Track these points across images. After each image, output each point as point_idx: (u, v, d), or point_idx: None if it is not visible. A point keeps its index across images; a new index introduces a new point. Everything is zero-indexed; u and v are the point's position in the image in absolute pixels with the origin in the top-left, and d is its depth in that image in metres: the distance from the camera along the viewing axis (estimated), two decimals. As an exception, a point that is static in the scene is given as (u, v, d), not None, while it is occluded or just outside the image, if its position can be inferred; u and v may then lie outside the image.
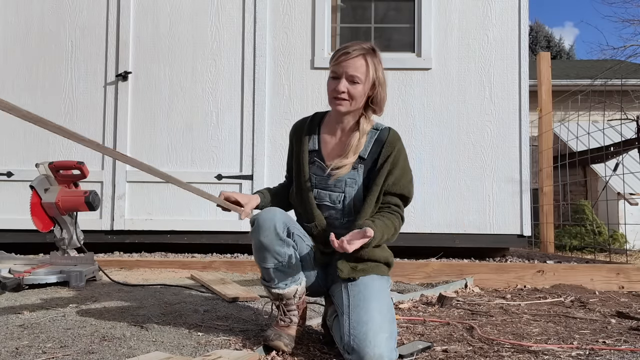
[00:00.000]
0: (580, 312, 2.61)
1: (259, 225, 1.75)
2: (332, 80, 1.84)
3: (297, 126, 2.03)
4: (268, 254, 1.77)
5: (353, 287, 1.79)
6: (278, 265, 1.78)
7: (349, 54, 1.80)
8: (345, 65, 1.80)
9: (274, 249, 1.76)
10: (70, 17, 4.50)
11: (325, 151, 1.92)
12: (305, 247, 1.86)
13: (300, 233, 1.85)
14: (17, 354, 1.69)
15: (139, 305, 2.45)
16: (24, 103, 4.44)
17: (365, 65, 1.81)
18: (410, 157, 2.03)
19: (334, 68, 1.83)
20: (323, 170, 1.90)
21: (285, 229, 1.77)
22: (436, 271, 3.42)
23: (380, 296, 1.76)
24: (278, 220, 1.75)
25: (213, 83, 4.48)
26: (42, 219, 2.98)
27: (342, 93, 1.81)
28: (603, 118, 6.76)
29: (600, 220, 7.23)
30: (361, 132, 1.86)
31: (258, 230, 1.75)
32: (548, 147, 5.45)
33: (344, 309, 1.73)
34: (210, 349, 1.78)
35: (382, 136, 1.89)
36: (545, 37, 29.13)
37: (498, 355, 1.83)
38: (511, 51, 4.49)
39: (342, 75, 1.81)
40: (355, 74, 1.80)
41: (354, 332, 1.63)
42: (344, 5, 4.71)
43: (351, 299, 1.74)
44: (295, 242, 1.81)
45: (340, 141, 1.91)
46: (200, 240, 4.38)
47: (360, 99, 1.84)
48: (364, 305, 1.70)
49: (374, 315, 1.66)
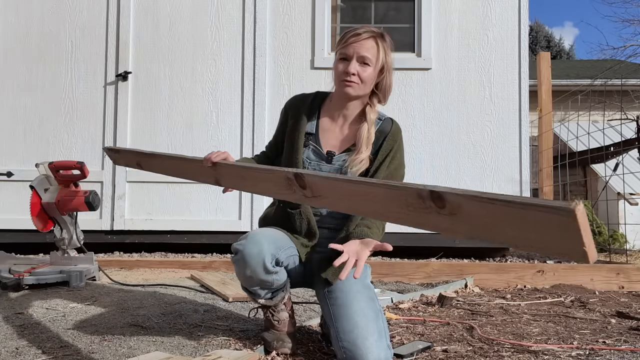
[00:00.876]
0: (580, 312, 2.60)
1: (245, 262, 1.63)
2: (341, 62, 1.76)
3: (296, 101, 1.90)
4: (255, 284, 1.70)
5: (330, 294, 1.71)
6: (265, 288, 1.73)
7: (359, 35, 1.73)
8: (356, 46, 1.73)
9: (262, 280, 1.67)
10: (70, 17, 4.50)
11: (322, 136, 1.84)
12: (292, 260, 1.77)
13: (287, 252, 1.73)
14: (17, 354, 1.69)
15: (139, 305, 2.45)
16: (24, 103, 4.44)
17: (376, 47, 1.75)
18: (410, 157, 2.04)
19: (343, 50, 1.75)
20: (318, 155, 1.82)
21: (273, 260, 1.65)
22: (436, 271, 3.42)
23: (359, 297, 1.67)
24: (267, 253, 1.63)
25: (213, 83, 4.48)
26: (42, 219, 2.98)
27: (352, 75, 1.73)
28: (603, 118, 6.76)
29: (600, 220, 7.22)
30: (369, 123, 1.78)
31: (243, 265, 1.64)
32: (548, 147, 5.45)
33: (328, 320, 1.69)
34: (210, 349, 1.78)
35: (386, 127, 1.83)
36: (545, 37, 29.12)
37: (498, 355, 1.83)
38: (511, 51, 4.49)
39: (352, 56, 1.73)
40: (367, 54, 1.73)
41: (343, 343, 1.59)
42: (344, 5, 4.71)
43: (332, 308, 1.68)
44: (284, 263, 1.71)
45: (341, 130, 1.84)
46: (200, 240, 4.38)
47: (369, 83, 1.77)
48: (344, 312, 1.64)
49: (357, 321, 1.60)
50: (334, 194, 1.28)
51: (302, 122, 1.83)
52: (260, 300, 1.77)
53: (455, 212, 0.94)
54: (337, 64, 1.78)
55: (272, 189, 1.47)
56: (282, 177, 1.39)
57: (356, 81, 1.74)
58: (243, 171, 1.57)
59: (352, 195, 1.22)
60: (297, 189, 1.35)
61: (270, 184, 1.45)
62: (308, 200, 1.35)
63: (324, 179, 1.31)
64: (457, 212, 0.93)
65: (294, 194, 1.38)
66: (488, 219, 0.89)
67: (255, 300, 1.78)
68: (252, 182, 1.55)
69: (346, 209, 1.33)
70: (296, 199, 1.40)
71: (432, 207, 0.97)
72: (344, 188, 1.25)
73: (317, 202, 1.33)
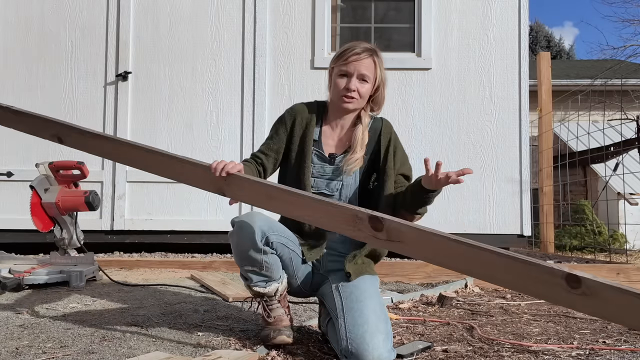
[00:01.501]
0: (580, 312, 2.60)
1: (237, 233, 1.75)
2: (342, 79, 1.89)
3: (301, 109, 1.99)
4: (245, 260, 1.77)
5: (344, 288, 1.78)
6: (256, 269, 1.78)
7: (359, 54, 1.87)
8: (357, 64, 1.87)
9: (251, 257, 1.75)
10: (70, 17, 4.50)
11: (324, 141, 1.96)
12: (287, 252, 1.83)
13: (281, 239, 1.80)
14: (17, 354, 1.69)
15: (139, 305, 2.45)
16: (24, 103, 4.43)
17: (373, 65, 1.90)
18: (410, 157, 2.04)
19: (344, 67, 1.88)
20: (321, 158, 1.94)
21: (263, 238, 1.73)
22: (436, 271, 3.42)
23: (373, 296, 1.76)
24: (257, 228, 1.72)
25: (213, 83, 4.48)
26: (42, 219, 2.98)
27: (353, 91, 1.87)
28: (603, 118, 6.76)
29: (600, 220, 7.22)
30: (364, 126, 1.93)
31: (235, 237, 1.76)
32: (548, 147, 5.45)
33: (338, 312, 1.71)
34: (210, 349, 1.78)
35: (377, 125, 1.97)
36: (545, 37, 29.12)
37: (498, 355, 1.83)
38: (511, 51, 4.49)
39: (353, 73, 1.87)
40: (366, 72, 1.88)
41: (350, 335, 1.62)
42: (344, 5, 4.71)
43: (344, 301, 1.73)
44: (276, 249, 1.78)
45: (339, 135, 1.97)
46: (200, 240, 4.38)
47: (366, 98, 1.92)
48: (357, 307, 1.69)
49: (369, 317, 1.65)
50: (421, 246, 1.33)
51: (311, 129, 1.95)
52: (255, 287, 1.81)
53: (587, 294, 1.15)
54: (337, 79, 1.90)
55: (320, 219, 1.48)
56: (349, 214, 1.41)
57: (356, 97, 1.89)
58: (274, 191, 1.57)
59: (441, 250, 1.30)
60: (366, 229, 1.36)
61: (320, 214, 1.47)
62: (379, 242, 1.37)
63: (413, 230, 1.33)
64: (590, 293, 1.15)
65: (358, 231, 1.39)
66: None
67: (250, 287, 1.82)
68: (283, 205, 1.55)
69: (428, 260, 1.38)
70: (361, 237, 1.42)
71: (564, 285, 1.17)
72: (438, 243, 1.31)
73: (391, 246, 1.35)
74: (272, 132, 1.99)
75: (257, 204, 1.65)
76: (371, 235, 1.37)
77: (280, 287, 1.84)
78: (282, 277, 1.85)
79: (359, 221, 1.38)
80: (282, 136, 1.96)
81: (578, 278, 1.14)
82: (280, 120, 1.99)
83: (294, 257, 1.86)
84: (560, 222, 7.14)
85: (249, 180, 1.63)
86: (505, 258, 1.23)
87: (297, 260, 1.87)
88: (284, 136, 1.96)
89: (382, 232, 1.35)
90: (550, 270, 1.18)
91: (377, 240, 1.38)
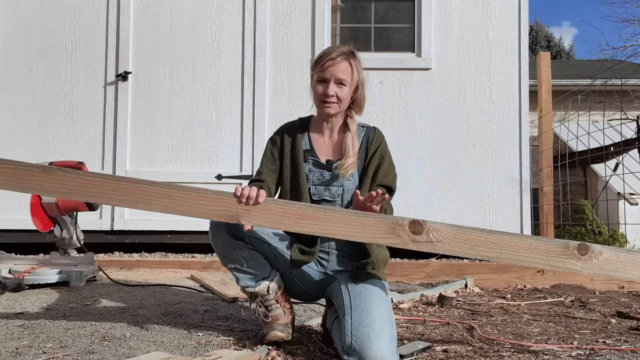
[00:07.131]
0: (581, 312, 2.60)
1: (210, 231, 1.88)
2: (320, 84, 1.93)
3: (287, 128, 2.06)
4: (224, 257, 1.87)
5: (354, 287, 1.80)
6: (237, 266, 1.84)
7: (334, 59, 1.90)
8: (333, 70, 1.90)
9: (227, 252, 1.84)
10: (70, 17, 4.50)
11: (316, 149, 2.00)
12: (268, 249, 1.88)
13: (255, 234, 1.85)
14: (17, 354, 1.69)
15: (139, 305, 2.45)
16: (24, 103, 4.44)
17: (350, 68, 1.93)
18: (410, 157, 2.07)
19: (320, 73, 1.91)
20: (318, 165, 1.97)
21: (233, 232, 1.82)
22: (436, 271, 3.42)
23: (381, 299, 1.77)
24: (224, 224, 1.80)
25: (213, 83, 4.48)
26: (42, 219, 2.99)
27: (331, 97, 1.90)
28: (603, 118, 6.76)
29: (601, 220, 7.23)
30: (352, 132, 1.98)
31: (210, 235, 1.88)
32: (548, 147, 5.44)
33: (346, 309, 1.73)
34: (210, 349, 1.78)
35: (369, 133, 2.02)
36: (545, 37, 29.12)
37: (498, 355, 1.83)
38: (511, 51, 4.49)
39: (330, 79, 1.90)
40: (343, 76, 1.90)
41: (355, 332, 1.63)
42: (344, 5, 4.71)
43: (353, 299, 1.75)
44: (251, 244, 1.85)
45: (331, 139, 2.01)
46: (200, 240, 4.38)
47: (346, 101, 1.95)
48: (365, 306, 1.71)
49: (375, 317, 1.66)
50: (460, 243, 1.49)
51: (297, 141, 2.00)
52: (247, 288, 1.87)
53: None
54: (316, 85, 1.95)
55: (353, 233, 1.53)
56: (387, 222, 1.47)
57: (335, 101, 1.92)
58: (305, 211, 1.62)
59: (482, 245, 1.53)
60: (405, 235, 1.41)
61: (353, 227, 1.52)
62: (417, 245, 1.44)
63: (451, 228, 1.47)
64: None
65: (397, 238, 1.45)
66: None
67: (243, 289, 1.89)
68: (313, 224, 1.58)
69: (464, 254, 1.53)
70: (398, 244, 1.47)
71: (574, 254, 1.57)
72: (476, 239, 1.52)
73: (431, 247, 1.46)
74: (267, 154, 2.04)
75: (281, 226, 1.67)
76: (410, 239, 1.43)
77: (271, 285, 1.86)
78: (273, 274, 1.88)
79: (399, 227, 1.44)
80: (275, 155, 2.02)
81: (586, 246, 1.49)
82: (270, 142, 2.05)
83: (280, 255, 1.89)
84: (561, 222, 7.14)
85: (280, 203, 1.67)
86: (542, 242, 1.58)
87: (285, 258, 1.89)
88: (277, 154, 2.02)
89: (422, 235, 1.41)
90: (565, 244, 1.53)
91: (415, 243, 1.44)
